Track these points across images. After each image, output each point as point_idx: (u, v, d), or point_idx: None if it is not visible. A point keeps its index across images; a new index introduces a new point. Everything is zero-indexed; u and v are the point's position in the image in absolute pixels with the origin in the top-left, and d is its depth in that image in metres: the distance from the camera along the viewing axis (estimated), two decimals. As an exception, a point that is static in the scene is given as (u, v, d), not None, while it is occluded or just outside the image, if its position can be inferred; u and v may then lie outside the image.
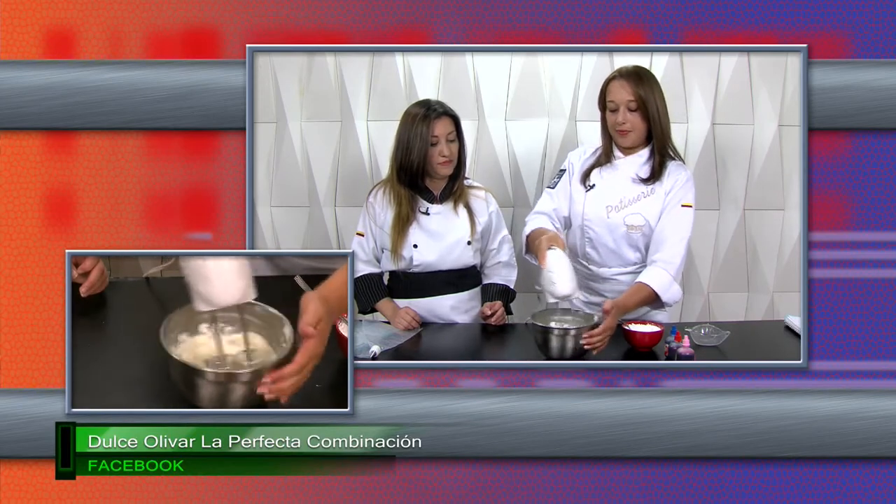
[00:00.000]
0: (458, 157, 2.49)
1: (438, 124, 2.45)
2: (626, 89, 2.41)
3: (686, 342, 2.19)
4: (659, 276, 2.35)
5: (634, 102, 2.41)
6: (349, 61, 2.68)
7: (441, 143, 2.46)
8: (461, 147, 2.50)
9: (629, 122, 2.42)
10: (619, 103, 2.42)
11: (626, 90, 2.40)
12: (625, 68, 2.43)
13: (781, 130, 2.61)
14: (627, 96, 2.41)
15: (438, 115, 2.45)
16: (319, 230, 2.71)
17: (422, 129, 2.45)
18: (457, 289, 2.53)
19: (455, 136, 2.48)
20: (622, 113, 2.42)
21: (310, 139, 2.71)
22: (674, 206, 2.42)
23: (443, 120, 2.46)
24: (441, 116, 2.45)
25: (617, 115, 2.43)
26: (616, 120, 2.43)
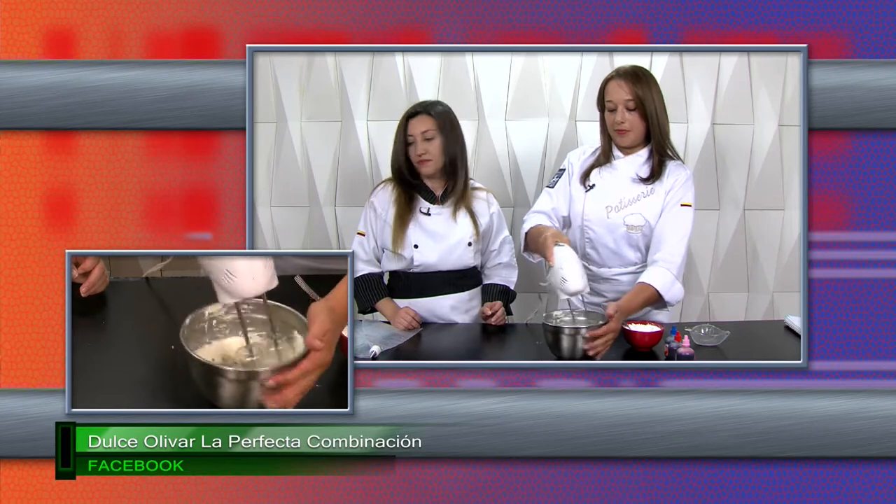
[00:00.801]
0: (443, 156, 2.49)
1: (413, 123, 2.47)
2: (623, 89, 2.41)
3: (686, 342, 2.19)
4: (661, 275, 2.34)
5: (632, 102, 2.41)
6: (349, 61, 2.68)
7: (417, 142, 2.46)
8: (446, 146, 2.48)
9: (628, 122, 2.42)
10: (617, 103, 2.42)
11: (624, 90, 2.41)
12: (622, 68, 2.43)
13: (781, 130, 2.61)
14: (625, 96, 2.41)
15: (413, 113, 2.47)
16: (319, 230, 2.72)
17: (401, 129, 2.47)
18: (457, 289, 2.53)
19: (434, 134, 2.47)
20: (620, 112, 2.42)
21: (310, 139, 2.71)
22: (673, 206, 2.42)
23: (419, 118, 2.46)
24: (416, 115, 2.47)
25: (615, 115, 2.43)
26: (615, 119, 2.43)
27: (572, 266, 2.22)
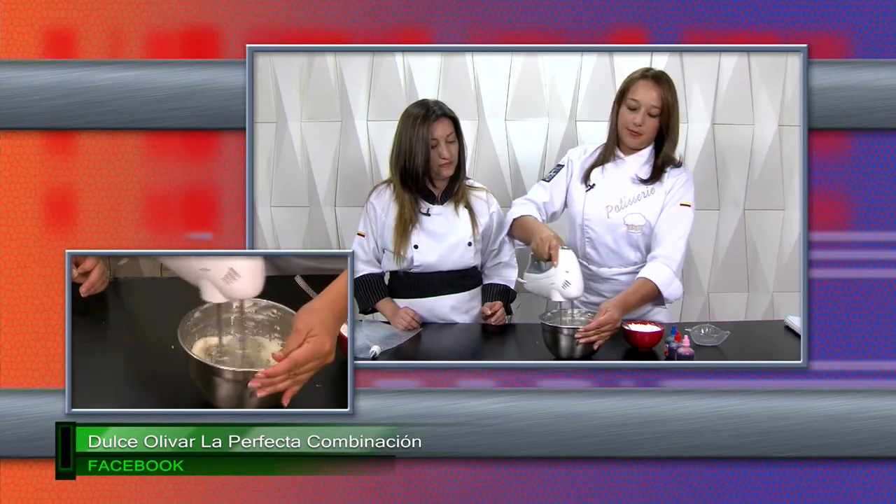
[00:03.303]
0: (458, 157, 2.49)
1: (437, 126, 2.44)
2: (655, 91, 2.38)
3: (686, 342, 2.19)
4: (660, 270, 2.34)
5: (658, 108, 2.39)
6: (349, 61, 2.68)
7: (441, 146, 2.45)
8: (461, 147, 2.49)
9: (646, 125, 2.40)
10: (642, 104, 2.40)
11: (655, 93, 2.38)
12: (653, 70, 2.41)
13: (781, 130, 2.61)
14: (654, 101, 2.38)
15: (437, 116, 2.44)
16: (319, 230, 2.72)
17: (422, 132, 2.43)
18: (457, 289, 2.53)
19: (455, 137, 2.47)
20: (642, 115, 2.40)
21: (310, 139, 2.71)
22: (673, 205, 2.42)
23: (442, 122, 2.45)
24: (440, 118, 2.45)
25: (636, 116, 2.40)
26: (633, 120, 2.41)
27: (576, 271, 2.23)
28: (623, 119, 2.43)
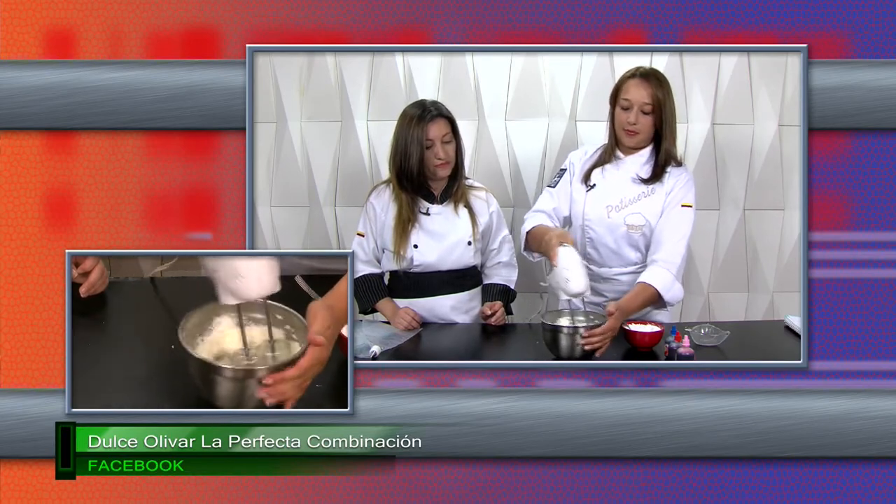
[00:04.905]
0: (455, 157, 2.49)
1: (433, 127, 2.44)
2: (645, 90, 2.39)
3: (686, 342, 2.19)
4: (661, 275, 2.34)
5: (650, 105, 2.40)
6: (349, 61, 2.68)
7: (436, 146, 2.45)
8: (458, 147, 2.49)
9: (640, 124, 2.41)
10: (633, 103, 2.40)
11: (645, 91, 2.39)
12: (643, 69, 2.41)
13: (781, 130, 2.61)
14: (644, 98, 2.39)
15: (433, 117, 2.44)
16: (319, 230, 2.72)
17: (417, 133, 2.44)
18: (457, 289, 2.53)
19: (451, 138, 2.47)
20: (635, 114, 2.40)
21: (310, 139, 2.71)
22: (674, 206, 2.42)
23: (437, 122, 2.45)
24: (435, 119, 2.44)
25: (629, 115, 2.41)
26: (627, 119, 2.41)
27: (576, 267, 2.22)
28: (618, 119, 2.44)
